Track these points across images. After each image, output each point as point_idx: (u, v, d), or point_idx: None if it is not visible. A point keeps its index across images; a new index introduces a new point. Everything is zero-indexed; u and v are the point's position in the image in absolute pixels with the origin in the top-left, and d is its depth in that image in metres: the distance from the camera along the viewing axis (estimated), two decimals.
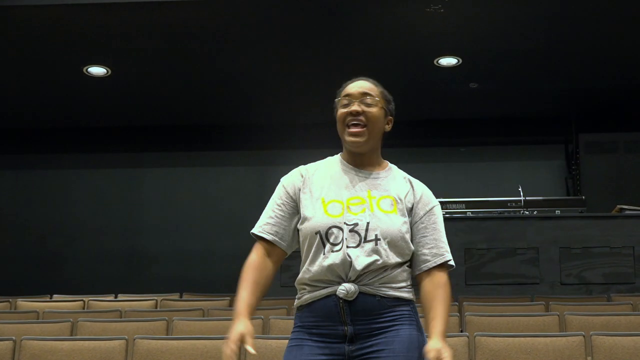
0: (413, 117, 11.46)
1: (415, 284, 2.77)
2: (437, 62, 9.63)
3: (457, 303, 7.03)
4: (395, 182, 2.81)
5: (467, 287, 8.29)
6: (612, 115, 11.29)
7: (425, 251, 2.75)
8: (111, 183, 12.45)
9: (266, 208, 2.84)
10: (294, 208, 2.79)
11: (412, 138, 11.85)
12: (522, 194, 9.14)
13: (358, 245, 2.64)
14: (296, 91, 10.54)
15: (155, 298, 8.12)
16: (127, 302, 8.08)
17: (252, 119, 11.77)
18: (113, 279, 11.49)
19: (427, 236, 2.76)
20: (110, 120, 11.96)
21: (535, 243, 8.44)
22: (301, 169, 2.86)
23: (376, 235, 2.65)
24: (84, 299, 8.19)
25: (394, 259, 2.66)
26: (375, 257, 2.63)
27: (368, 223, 2.67)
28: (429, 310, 2.68)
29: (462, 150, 12.30)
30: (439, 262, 2.75)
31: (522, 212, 8.98)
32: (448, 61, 9.63)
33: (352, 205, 2.71)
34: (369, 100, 2.79)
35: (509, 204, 9.11)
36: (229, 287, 9.77)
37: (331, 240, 2.66)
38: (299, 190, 2.79)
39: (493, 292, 8.21)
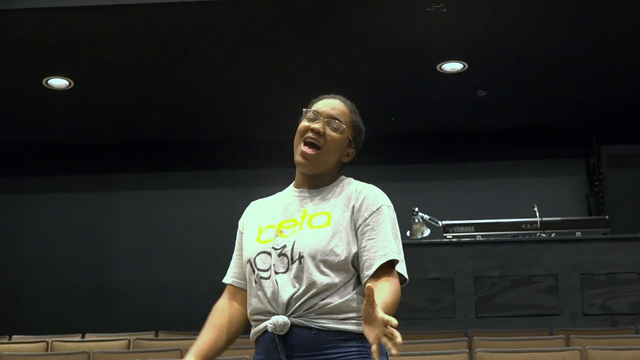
0: (414, 129, 11.50)
1: None
2: (440, 67, 9.66)
3: (466, 338, 7.08)
4: (339, 194, 2.85)
5: (478, 319, 8.34)
6: (638, 125, 11.35)
7: (371, 255, 2.70)
8: (74, 209, 12.42)
9: None
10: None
11: (414, 153, 11.88)
12: (538, 214, 9.19)
13: (287, 270, 2.72)
14: (280, 104, 10.55)
15: (128, 337, 8.14)
16: (96, 342, 8.09)
17: (233, 135, 11.76)
18: (79, 317, 11.45)
19: (373, 238, 2.73)
20: (72, 137, 11.93)
21: (553, 269, 8.50)
22: (251, 203, 3.04)
23: (300, 254, 2.72)
24: (47, 339, 8.17)
25: (321, 277, 2.67)
26: (302, 279, 2.68)
27: (294, 242, 2.75)
28: None
29: (470, 166, 12.35)
30: (383, 262, 2.68)
31: (538, 234, 9.04)
32: (452, 66, 9.65)
33: (284, 229, 2.81)
34: (335, 124, 2.89)
35: (523, 226, 9.16)
36: None
37: (259, 267, 2.78)
38: (245, 225, 2.97)
39: (507, 325, 8.26)
